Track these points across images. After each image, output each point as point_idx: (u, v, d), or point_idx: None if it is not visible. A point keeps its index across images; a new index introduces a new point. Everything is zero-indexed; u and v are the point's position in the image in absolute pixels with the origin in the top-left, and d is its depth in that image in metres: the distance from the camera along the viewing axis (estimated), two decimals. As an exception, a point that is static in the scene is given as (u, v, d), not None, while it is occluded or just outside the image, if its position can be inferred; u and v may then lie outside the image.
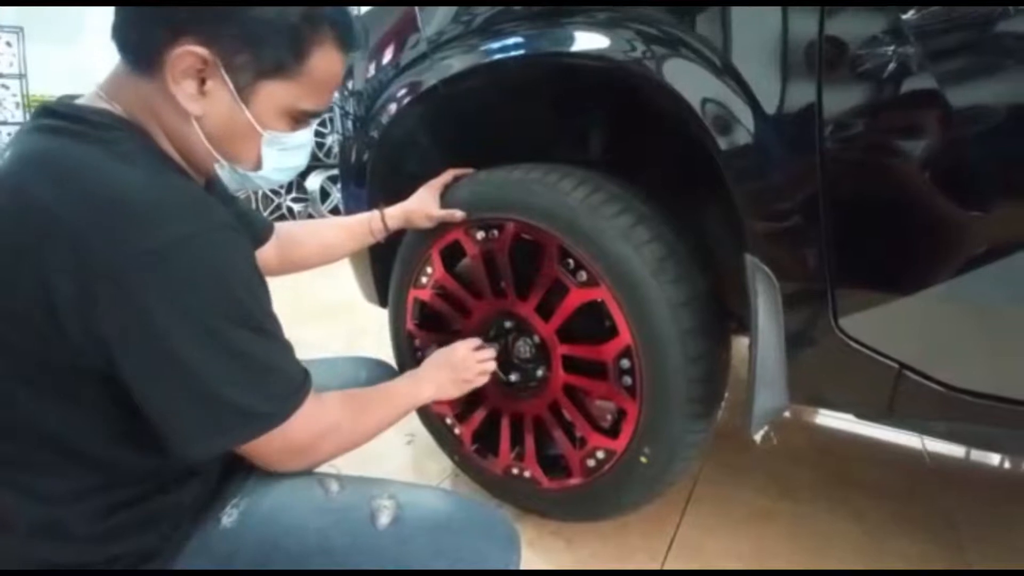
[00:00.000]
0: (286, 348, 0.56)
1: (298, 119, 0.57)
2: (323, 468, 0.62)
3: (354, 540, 0.55)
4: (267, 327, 0.53)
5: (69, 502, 0.50)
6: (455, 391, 0.81)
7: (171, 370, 0.47)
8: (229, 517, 0.58)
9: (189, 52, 0.48)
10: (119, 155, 0.48)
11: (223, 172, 0.57)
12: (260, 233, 0.82)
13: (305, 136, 0.59)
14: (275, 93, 0.53)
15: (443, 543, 0.56)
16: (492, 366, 0.85)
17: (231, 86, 0.51)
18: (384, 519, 0.56)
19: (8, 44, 4.79)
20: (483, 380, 0.83)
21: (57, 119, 0.49)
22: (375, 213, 0.94)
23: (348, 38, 0.55)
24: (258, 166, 0.57)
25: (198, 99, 0.51)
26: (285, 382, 0.54)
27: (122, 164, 0.47)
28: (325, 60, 0.54)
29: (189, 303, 0.46)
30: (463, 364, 0.81)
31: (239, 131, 0.54)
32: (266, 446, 0.54)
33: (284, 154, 0.58)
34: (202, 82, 0.50)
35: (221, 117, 0.52)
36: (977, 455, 1.30)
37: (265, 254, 0.83)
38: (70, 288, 0.44)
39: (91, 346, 0.45)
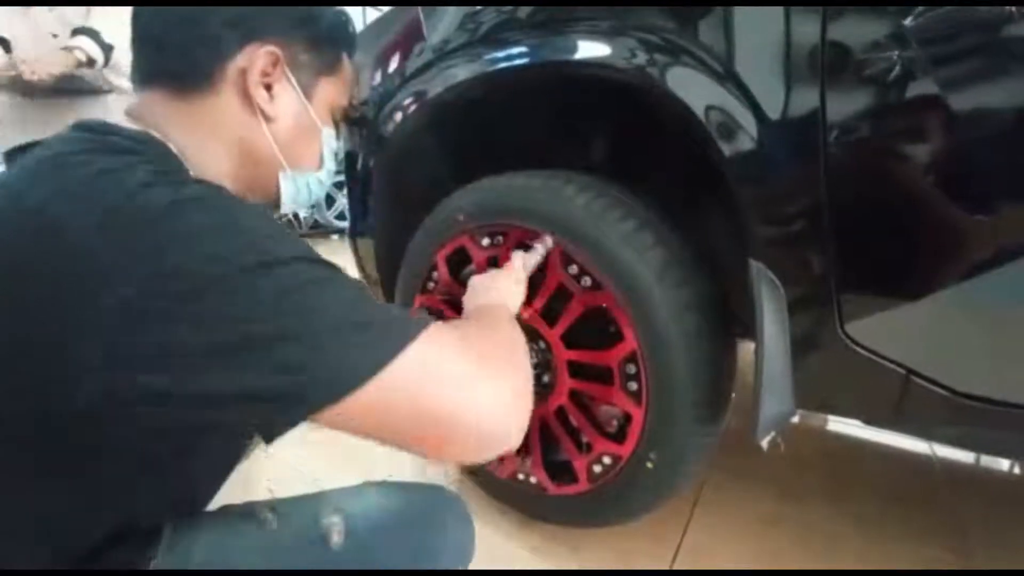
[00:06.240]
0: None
1: (334, 117, 0.59)
2: (259, 496, 0.57)
3: (311, 567, 0.52)
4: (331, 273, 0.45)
5: None
6: (520, 295, 0.77)
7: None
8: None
9: (268, 52, 0.49)
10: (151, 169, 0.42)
11: (285, 183, 0.56)
12: None
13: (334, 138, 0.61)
14: (327, 90, 0.56)
15: (403, 538, 0.55)
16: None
17: (296, 86, 0.52)
18: (336, 537, 0.53)
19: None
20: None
21: (85, 131, 0.45)
22: None
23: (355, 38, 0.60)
24: (320, 164, 0.59)
25: (270, 103, 0.51)
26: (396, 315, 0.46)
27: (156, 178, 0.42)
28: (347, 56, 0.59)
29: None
30: (506, 275, 0.78)
31: (305, 131, 0.55)
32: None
33: (328, 157, 0.60)
34: (268, 87, 0.51)
35: (289, 119, 0.53)
36: (987, 460, 1.29)
37: None
38: (108, 305, 0.35)
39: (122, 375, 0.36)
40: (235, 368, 0.36)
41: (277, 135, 0.52)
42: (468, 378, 0.44)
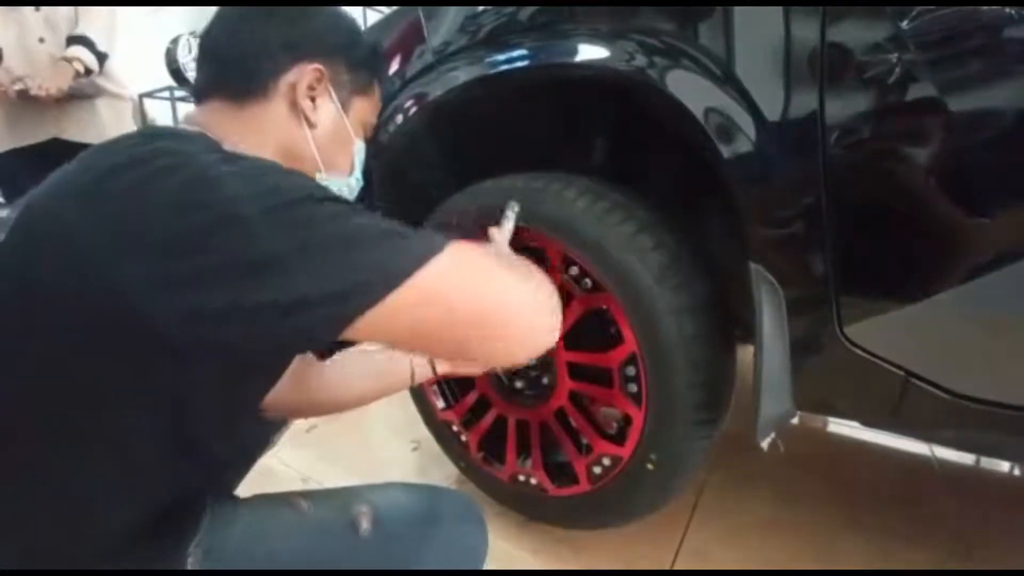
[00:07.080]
0: None
1: (364, 132, 0.67)
2: (294, 486, 0.64)
3: (340, 551, 0.57)
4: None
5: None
6: None
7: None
8: (193, 558, 0.53)
9: (315, 69, 0.56)
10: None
11: (321, 182, 0.59)
12: None
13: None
14: (361, 107, 0.64)
15: (425, 532, 0.60)
16: None
17: (336, 100, 0.60)
18: (365, 523, 0.58)
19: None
20: None
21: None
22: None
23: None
24: (352, 171, 0.66)
25: (314, 112, 0.58)
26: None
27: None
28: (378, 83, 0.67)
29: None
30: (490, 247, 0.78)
31: (340, 140, 0.62)
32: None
33: (357, 165, 0.68)
34: (312, 100, 0.58)
35: (328, 127, 0.60)
36: (987, 463, 1.29)
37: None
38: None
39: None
40: (312, 271, 0.41)
41: (317, 140, 0.59)
42: (505, 276, 0.51)
